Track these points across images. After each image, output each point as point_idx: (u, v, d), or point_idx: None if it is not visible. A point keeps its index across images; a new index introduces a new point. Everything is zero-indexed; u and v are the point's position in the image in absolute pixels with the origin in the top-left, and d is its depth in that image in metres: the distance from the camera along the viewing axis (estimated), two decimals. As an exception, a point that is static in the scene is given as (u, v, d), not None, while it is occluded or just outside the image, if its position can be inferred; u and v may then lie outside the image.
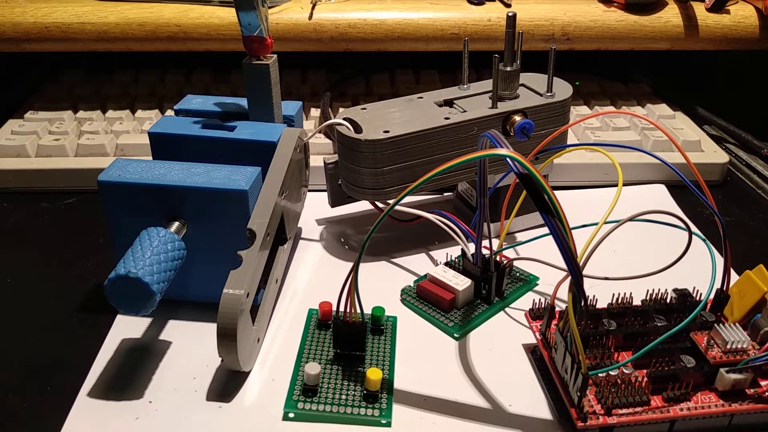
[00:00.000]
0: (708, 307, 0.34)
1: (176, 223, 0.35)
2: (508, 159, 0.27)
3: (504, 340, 0.36)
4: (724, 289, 0.33)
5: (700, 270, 0.35)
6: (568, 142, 0.48)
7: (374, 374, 0.31)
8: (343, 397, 0.32)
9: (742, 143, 0.58)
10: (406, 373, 0.34)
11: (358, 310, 0.33)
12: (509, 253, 0.43)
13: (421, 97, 0.44)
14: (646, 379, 0.30)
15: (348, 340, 0.34)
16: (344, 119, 0.41)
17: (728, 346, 0.30)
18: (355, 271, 0.31)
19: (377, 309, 0.36)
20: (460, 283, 0.38)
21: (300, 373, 0.33)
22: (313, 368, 0.32)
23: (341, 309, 0.33)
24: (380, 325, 0.36)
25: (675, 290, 0.34)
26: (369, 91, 0.63)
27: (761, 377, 0.31)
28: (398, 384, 0.33)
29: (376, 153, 0.39)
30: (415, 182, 0.29)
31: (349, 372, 0.33)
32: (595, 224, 0.32)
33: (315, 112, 0.58)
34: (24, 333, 0.37)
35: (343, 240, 0.45)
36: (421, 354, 0.35)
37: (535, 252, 0.39)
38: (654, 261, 0.35)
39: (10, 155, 0.51)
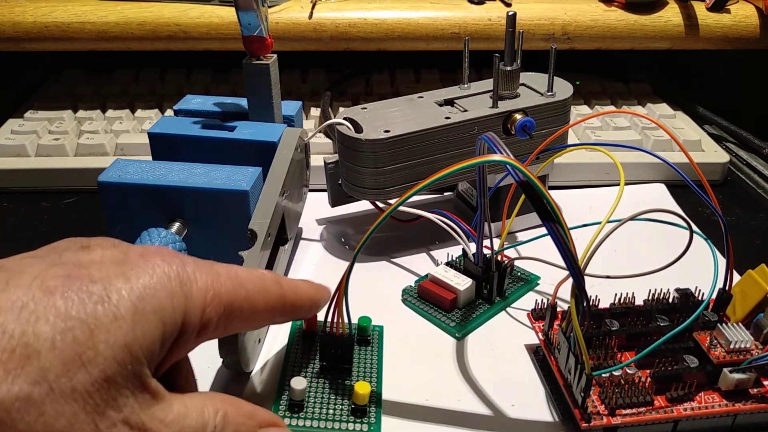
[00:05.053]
0: (710, 306, 0.34)
1: (177, 224, 0.35)
2: (507, 166, 0.27)
3: (506, 340, 0.36)
4: (727, 288, 0.33)
5: (702, 270, 0.34)
6: (569, 142, 0.48)
7: (362, 388, 0.30)
8: (330, 411, 0.31)
9: (743, 143, 0.58)
10: (406, 374, 0.34)
11: (346, 321, 0.31)
12: (510, 252, 0.43)
13: (421, 97, 0.44)
14: (649, 379, 0.30)
15: (335, 353, 0.33)
16: (344, 119, 0.41)
17: (731, 346, 0.30)
18: (345, 281, 0.30)
19: (363, 319, 0.35)
20: (462, 282, 0.38)
21: (285, 387, 0.32)
22: (298, 383, 0.31)
23: (329, 319, 0.31)
24: (366, 336, 0.35)
25: (677, 290, 0.34)
26: (369, 91, 0.63)
27: (764, 377, 0.30)
28: (399, 386, 0.33)
29: (376, 153, 0.39)
30: (409, 191, 0.28)
31: (336, 385, 0.32)
32: (596, 224, 0.32)
33: (315, 112, 0.57)
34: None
35: (343, 240, 0.45)
36: (422, 354, 0.35)
37: (536, 251, 0.39)
38: (655, 260, 0.35)
39: (9, 155, 0.51)
